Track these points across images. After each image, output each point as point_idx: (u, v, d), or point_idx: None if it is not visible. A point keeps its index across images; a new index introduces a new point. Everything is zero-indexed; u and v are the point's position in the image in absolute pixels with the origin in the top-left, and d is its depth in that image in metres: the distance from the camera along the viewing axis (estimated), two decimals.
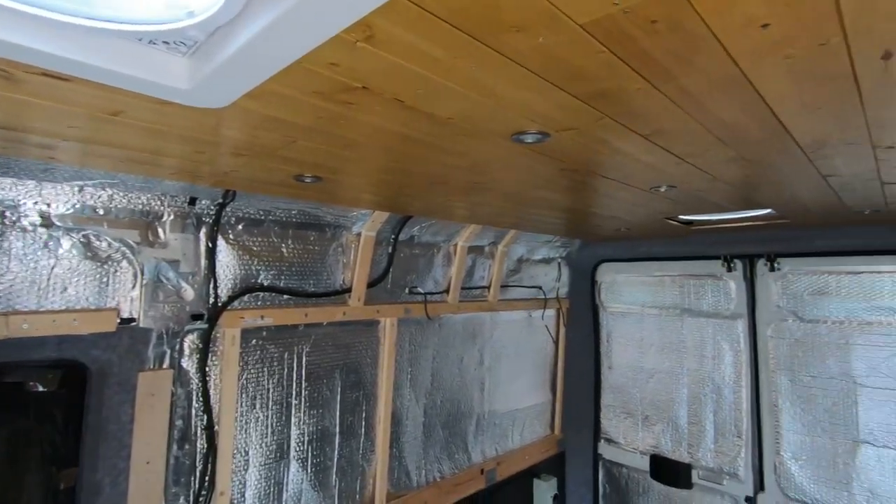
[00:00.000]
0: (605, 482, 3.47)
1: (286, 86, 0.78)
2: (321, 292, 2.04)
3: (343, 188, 1.62)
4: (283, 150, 1.14)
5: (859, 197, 1.66)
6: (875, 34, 0.60)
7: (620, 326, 3.45)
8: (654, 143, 1.08)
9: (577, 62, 0.70)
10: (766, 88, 0.78)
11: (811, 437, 2.66)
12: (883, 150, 1.10)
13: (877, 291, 2.50)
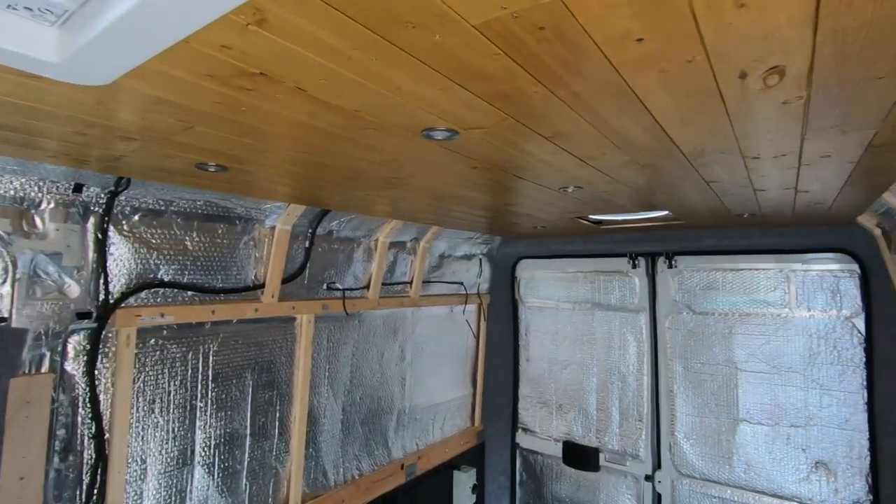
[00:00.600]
0: (522, 470, 3.62)
1: (174, 67, 0.73)
2: (230, 288, 1.94)
3: (253, 179, 1.54)
4: (179, 135, 1.06)
5: (738, 202, 1.86)
6: (731, 56, 0.67)
7: (537, 320, 3.61)
8: (557, 145, 1.14)
9: (475, 63, 0.72)
10: (649, 99, 0.84)
11: (700, 417, 2.95)
12: (751, 161, 1.24)
13: (755, 286, 2.82)
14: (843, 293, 2.57)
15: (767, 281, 2.77)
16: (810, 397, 2.65)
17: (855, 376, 2.53)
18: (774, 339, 2.75)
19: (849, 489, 2.53)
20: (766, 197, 1.76)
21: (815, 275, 2.64)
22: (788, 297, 2.72)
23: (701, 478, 2.93)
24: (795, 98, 0.82)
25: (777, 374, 2.73)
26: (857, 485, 2.51)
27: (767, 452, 2.74)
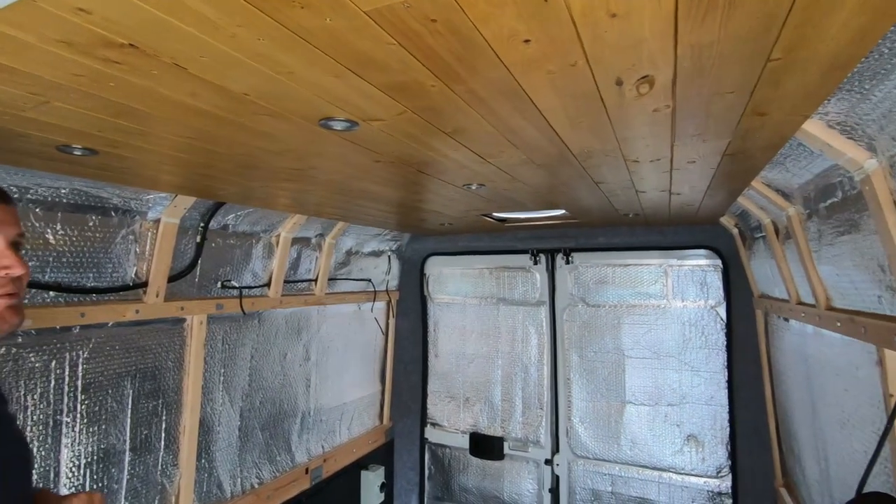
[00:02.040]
0: (431, 464, 3.66)
1: (19, 29, 0.63)
2: (105, 287, 1.73)
3: (132, 166, 1.39)
4: (31, 111, 0.93)
5: (623, 202, 2.03)
6: (608, 62, 0.73)
7: (446, 316, 3.67)
8: (457, 141, 1.16)
9: (370, 51, 0.70)
10: (539, 99, 0.89)
11: (593, 402, 3.19)
12: (632, 163, 1.36)
13: (639, 280, 3.11)
14: (709, 285, 2.92)
15: (650, 275, 3.07)
16: (683, 378, 2.98)
17: (718, 358, 2.89)
18: (655, 327, 3.05)
19: (713, 457, 2.89)
20: (646, 198, 1.94)
21: (687, 269, 2.98)
22: (666, 289, 3.03)
23: (593, 457, 3.17)
24: (664, 107, 0.91)
25: (657, 358, 3.04)
26: (720, 453, 2.87)
27: (649, 430, 3.04)
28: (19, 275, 0.90)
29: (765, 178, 1.58)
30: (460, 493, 3.56)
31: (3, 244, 0.89)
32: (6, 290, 0.89)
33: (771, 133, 1.08)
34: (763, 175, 1.53)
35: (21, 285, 0.92)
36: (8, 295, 0.89)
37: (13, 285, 0.90)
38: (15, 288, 0.90)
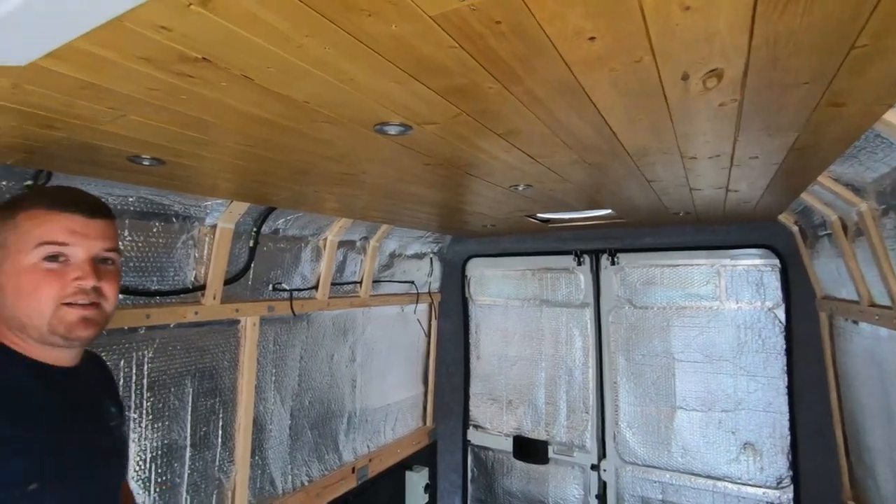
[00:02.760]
0: (474, 466, 3.65)
1: (105, 47, 0.67)
2: (167, 290, 1.82)
3: (193, 174, 1.46)
4: (109, 124, 0.98)
5: (675, 201, 1.97)
6: (676, 57, 0.70)
7: (488, 318, 3.65)
8: (509, 142, 1.15)
9: (432, 55, 0.71)
10: (599, 98, 0.87)
11: (641, 407, 3.09)
12: (688, 161, 1.31)
13: (690, 281, 2.99)
14: (765, 286, 2.78)
15: (701, 276, 2.95)
16: (739, 383, 2.85)
17: (777, 362, 2.74)
18: (707, 330, 2.93)
19: (773, 467, 2.75)
20: (700, 196, 1.87)
21: (742, 269, 2.85)
22: (719, 290, 2.91)
23: (642, 464, 3.08)
24: (731, 100, 0.87)
25: (709, 362, 2.92)
26: (780, 462, 2.72)
27: (702, 437, 2.93)
28: (90, 286, 0.93)
29: (833, 173, 1.49)
30: (504, 496, 3.54)
31: (83, 257, 0.94)
32: (80, 300, 0.93)
33: (846, 125, 1.02)
34: (831, 169, 1.44)
35: (101, 297, 0.95)
36: (82, 306, 0.93)
37: (87, 296, 0.93)
38: (92, 299, 0.94)
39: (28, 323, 0.92)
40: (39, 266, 0.91)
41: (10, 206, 0.96)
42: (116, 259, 1.02)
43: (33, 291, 0.91)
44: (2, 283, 0.92)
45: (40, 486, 0.88)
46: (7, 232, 0.93)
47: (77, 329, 0.93)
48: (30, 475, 0.87)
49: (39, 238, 0.91)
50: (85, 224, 0.95)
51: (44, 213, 0.93)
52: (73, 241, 0.93)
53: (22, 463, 0.87)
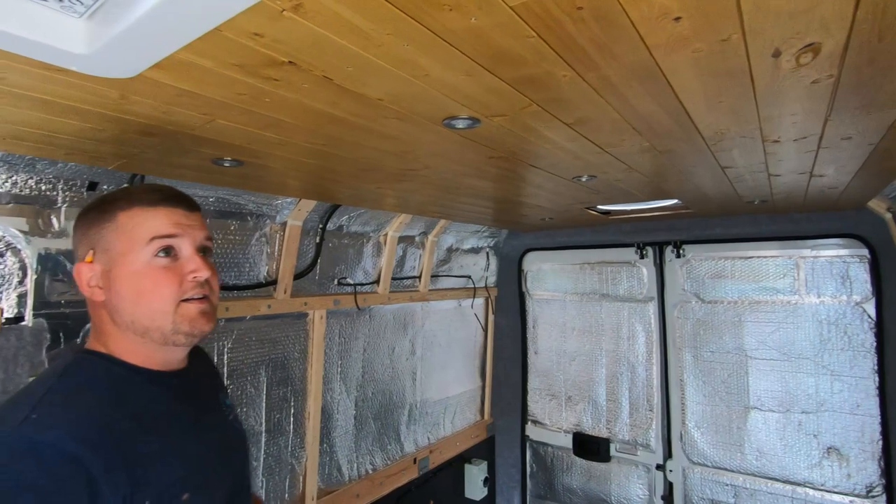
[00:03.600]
0: (532, 462, 3.63)
1: (202, 56, 0.72)
2: (243, 285, 1.93)
3: (266, 174, 1.54)
4: (199, 129, 1.06)
5: (750, 188, 1.86)
6: (767, 33, 0.67)
7: (545, 313, 3.61)
8: (577, 131, 1.13)
9: (507, 46, 0.71)
10: (677, 81, 0.84)
11: (711, 406, 2.95)
12: (770, 144, 1.24)
13: (763, 274, 2.82)
14: (852, 278, 2.57)
15: (777, 268, 2.77)
16: (821, 383, 2.65)
17: (866, 361, 2.53)
18: (784, 326, 2.75)
19: (861, 474, 2.54)
20: (779, 182, 1.76)
21: (824, 261, 2.64)
22: (798, 283, 2.71)
23: (712, 465, 2.94)
24: (826, 77, 0.81)
25: (787, 360, 2.74)
26: (870, 469, 2.52)
27: (779, 439, 2.75)
28: (206, 278, 0.92)
29: None
30: (564, 493, 3.49)
31: (191, 249, 0.93)
32: (196, 294, 0.92)
33: None
34: None
35: (211, 289, 0.95)
36: (199, 300, 0.92)
37: (202, 289, 0.92)
38: (205, 292, 0.93)
39: (151, 326, 0.89)
40: (153, 263, 0.89)
41: (102, 209, 0.93)
42: (212, 249, 1.03)
43: (154, 291, 0.89)
44: (117, 290, 0.89)
45: (191, 495, 0.87)
46: (108, 234, 0.90)
47: (199, 324, 0.92)
48: (182, 487, 0.86)
49: (149, 233, 0.90)
50: (187, 216, 0.95)
51: (147, 210, 0.91)
52: (179, 231, 0.92)
53: (173, 474, 0.86)
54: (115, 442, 0.80)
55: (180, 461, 0.89)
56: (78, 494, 0.72)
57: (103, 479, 0.74)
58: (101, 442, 0.78)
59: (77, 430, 0.77)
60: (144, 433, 0.85)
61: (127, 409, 0.86)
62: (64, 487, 0.71)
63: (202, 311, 0.92)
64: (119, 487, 0.76)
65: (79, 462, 0.73)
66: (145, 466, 0.82)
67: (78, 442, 0.75)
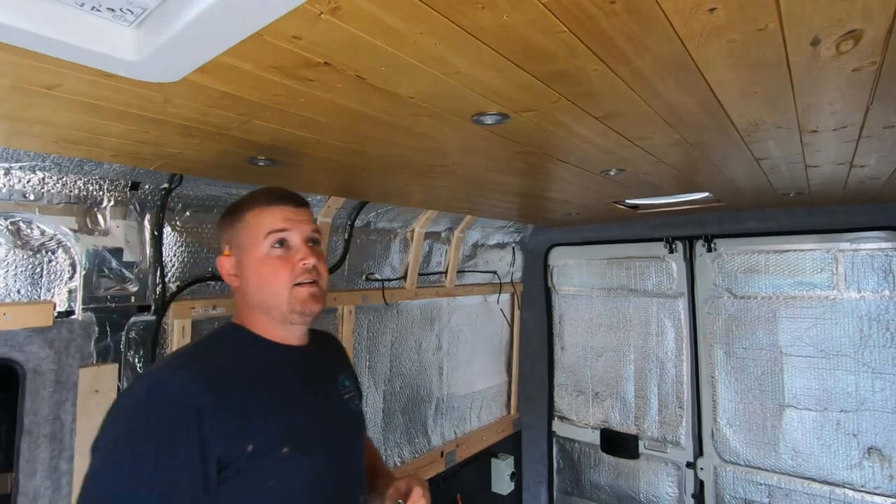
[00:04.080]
0: (559, 457, 3.62)
1: (243, 59, 0.75)
2: None
3: (298, 172, 1.58)
4: (236, 129, 1.10)
5: (786, 180, 1.81)
6: (806, 20, 0.65)
7: (571, 308, 3.58)
8: (607, 125, 1.13)
9: (538, 41, 0.72)
10: (711, 73, 0.83)
11: (744, 403, 2.89)
12: (808, 134, 1.20)
13: (799, 268, 2.73)
14: (895, 273, 2.47)
15: (814, 262, 2.68)
16: (861, 381, 2.56)
17: None
18: (822, 321, 2.66)
19: None
20: (816, 173, 1.70)
21: (865, 254, 2.55)
22: (836, 278, 2.63)
23: (745, 464, 2.87)
24: (868, 64, 0.79)
25: (825, 357, 2.65)
26: None
27: (816, 438, 2.67)
28: (313, 264, 1.08)
29: None
30: (591, 489, 3.47)
31: (300, 240, 1.09)
32: (306, 279, 1.07)
33: None
34: None
35: (318, 274, 1.10)
36: (308, 284, 1.08)
37: (311, 274, 1.08)
38: (314, 276, 1.08)
39: (273, 305, 1.07)
40: (271, 254, 1.07)
41: (235, 211, 1.14)
42: (321, 241, 1.18)
43: (272, 277, 1.06)
44: (246, 277, 1.09)
45: (291, 450, 0.99)
46: (238, 233, 1.11)
47: (309, 304, 1.07)
48: (283, 440, 0.99)
49: (266, 229, 1.07)
50: (295, 212, 1.11)
51: (264, 209, 1.10)
52: (289, 226, 1.09)
53: (276, 429, 0.99)
54: (228, 392, 0.96)
55: (283, 420, 1.02)
56: (186, 423, 0.89)
57: (210, 416, 0.90)
58: (215, 388, 0.95)
59: (198, 376, 0.95)
60: (255, 390, 1.01)
61: (245, 368, 1.04)
62: (177, 415, 0.89)
63: (311, 293, 1.08)
64: (222, 427, 0.91)
65: (192, 398, 0.91)
66: (249, 418, 0.97)
67: (196, 384, 0.93)
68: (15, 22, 0.64)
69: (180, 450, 0.88)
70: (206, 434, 0.89)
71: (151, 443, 0.87)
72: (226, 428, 0.92)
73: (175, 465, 0.87)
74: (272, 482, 0.96)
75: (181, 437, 0.88)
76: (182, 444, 0.88)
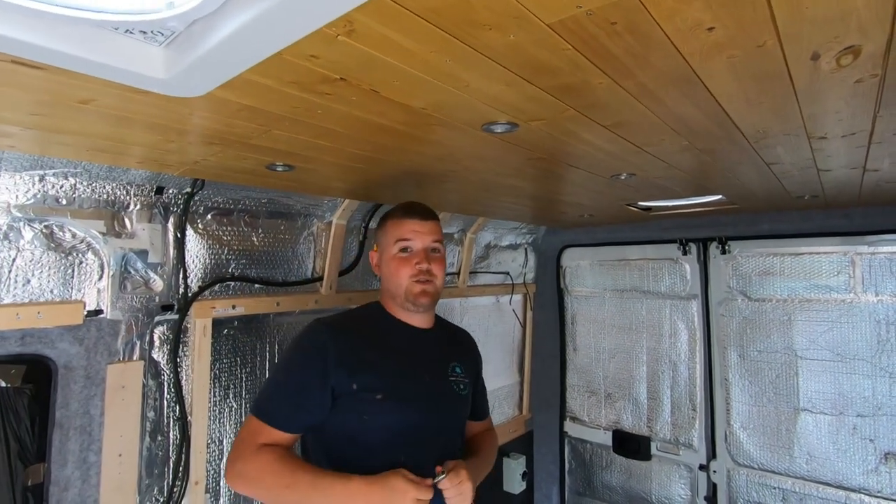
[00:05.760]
0: (571, 458, 3.63)
1: (264, 76, 0.80)
2: (292, 281, 2.04)
3: (314, 177, 1.63)
4: (256, 138, 1.14)
5: (799, 183, 1.80)
6: (804, 38, 0.67)
7: (584, 309, 3.59)
8: (615, 133, 1.15)
9: (544, 58, 0.75)
10: (714, 85, 0.85)
11: (758, 407, 2.87)
12: (817, 141, 1.21)
13: (815, 271, 2.71)
14: None
15: (830, 265, 2.66)
16: (878, 386, 2.53)
17: None
18: (838, 325, 2.64)
19: None
20: (830, 177, 1.70)
21: (883, 257, 2.51)
22: (853, 281, 2.60)
23: (759, 468, 2.86)
24: (870, 76, 0.80)
25: (841, 361, 2.63)
26: None
27: (831, 443, 2.65)
28: (426, 268, 1.41)
29: None
30: (603, 490, 3.48)
31: (419, 247, 1.44)
32: (421, 278, 1.41)
33: None
34: None
35: (431, 276, 1.42)
36: (422, 282, 1.41)
37: (424, 275, 1.41)
38: (427, 277, 1.41)
39: (396, 293, 1.44)
40: (398, 256, 1.44)
41: (382, 219, 1.53)
42: (441, 248, 1.49)
43: (396, 272, 1.43)
44: (382, 270, 1.49)
45: (384, 397, 1.31)
46: (381, 236, 1.51)
47: (420, 298, 1.42)
48: (378, 387, 1.32)
49: (396, 237, 1.44)
50: (421, 224, 1.45)
51: (398, 220, 1.46)
52: (413, 236, 1.43)
53: (374, 378, 1.33)
54: (351, 346, 1.36)
55: (385, 374, 1.35)
56: (323, 356, 1.32)
57: (333, 358, 1.31)
58: (342, 341, 1.35)
59: (334, 331, 1.37)
60: (371, 349, 1.39)
61: (370, 333, 1.43)
62: (318, 351, 1.33)
63: (423, 290, 1.42)
64: (341, 367, 1.31)
65: (326, 343, 1.33)
66: (360, 366, 1.33)
67: (331, 336, 1.35)
68: (55, 45, 0.69)
69: (313, 371, 1.30)
70: (329, 369, 1.29)
71: (299, 363, 1.35)
72: (341, 368, 1.30)
73: (309, 378, 1.30)
74: (366, 417, 1.30)
75: (315, 365, 1.31)
76: (315, 368, 1.30)
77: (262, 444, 1.25)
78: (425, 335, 1.50)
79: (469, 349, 1.70)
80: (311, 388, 1.29)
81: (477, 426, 1.73)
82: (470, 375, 1.57)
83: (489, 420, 1.85)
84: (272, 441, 1.27)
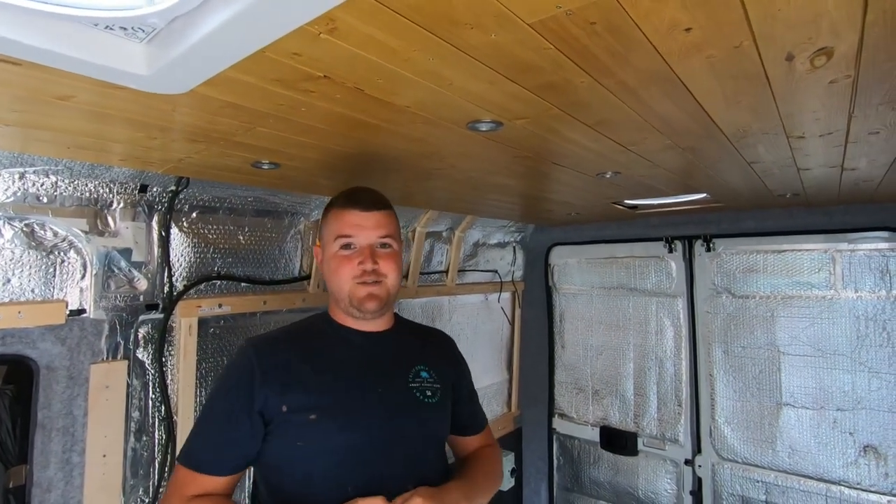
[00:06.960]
0: (559, 455, 3.66)
1: (247, 73, 0.80)
2: (279, 279, 2.04)
3: (300, 174, 1.62)
4: (240, 136, 1.14)
5: (780, 182, 1.84)
6: (778, 39, 0.69)
7: (572, 307, 3.62)
8: (599, 132, 1.16)
9: (526, 57, 0.75)
10: (694, 84, 0.86)
11: (742, 402, 2.92)
12: (795, 140, 1.24)
13: (797, 268, 2.76)
14: (892, 273, 2.49)
15: (811, 262, 2.71)
16: (858, 380, 2.59)
17: None
18: (819, 321, 2.69)
19: None
20: (809, 176, 1.73)
21: (862, 254, 2.57)
22: (834, 278, 2.65)
23: (742, 462, 2.91)
24: (843, 77, 0.82)
25: (822, 357, 2.68)
26: None
27: (813, 436, 2.70)
28: (370, 268, 1.19)
29: None
30: (591, 485, 3.51)
31: (363, 244, 1.21)
32: (366, 280, 1.19)
33: None
34: None
35: (378, 276, 1.20)
36: (367, 283, 1.19)
37: (370, 276, 1.19)
38: (372, 278, 1.19)
39: (339, 297, 1.23)
40: (339, 253, 1.22)
41: (325, 210, 1.30)
42: (392, 243, 1.25)
43: (336, 272, 1.21)
44: (324, 268, 1.27)
45: (318, 417, 1.12)
46: (323, 229, 1.28)
47: (366, 302, 1.20)
48: (311, 406, 1.12)
49: (336, 232, 1.22)
50: (364, 217, 1.22)
51: (339, 211, 1.24)
52: (355, 232, 1.21)
53: (307, 396, 1.13)
54: (281, 362, 1.17)
55: (322, 392, 1.15)
56: (247, 378, 1.13)
57: (260, 376, 1.13)
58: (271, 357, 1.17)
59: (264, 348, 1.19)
60: (305, 363, 1.18)
61: (305, 345, 1.24)
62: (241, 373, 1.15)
63: (370, 293, 1.20)
64: (266, 386, 1.13)
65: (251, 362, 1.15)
66: (291, 385, 1.14)
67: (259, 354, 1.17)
68: (34, 41, 0.68)
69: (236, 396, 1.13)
70: (254, 391, 1.12)
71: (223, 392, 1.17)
72: (268, 388, 1.12)
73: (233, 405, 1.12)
74: (300, 443, 1.11)
75: (239, 389, 1.13)
76: (239, 392, 1.13)
77: (191, 496, 1.07)
78: (379, 339, 1.28)
79: (444, 353, 1.44)
80: (236, 417, 1.10)
81: (472, 442, 1.49)
82: (444, 381, 1.32)
83: (487, 433, 1.58)
84: (203, 491, 1.08)
